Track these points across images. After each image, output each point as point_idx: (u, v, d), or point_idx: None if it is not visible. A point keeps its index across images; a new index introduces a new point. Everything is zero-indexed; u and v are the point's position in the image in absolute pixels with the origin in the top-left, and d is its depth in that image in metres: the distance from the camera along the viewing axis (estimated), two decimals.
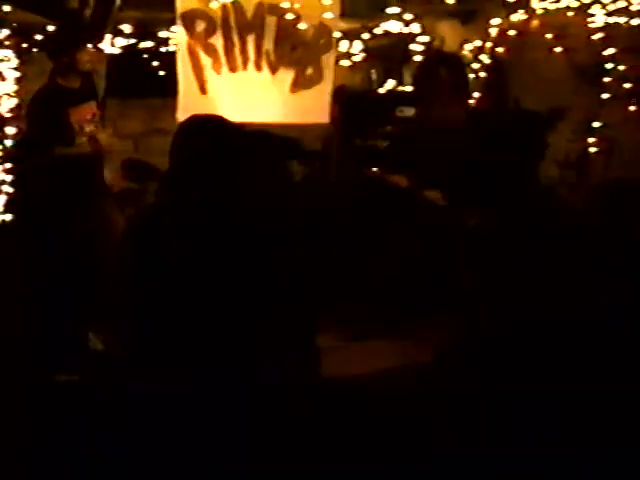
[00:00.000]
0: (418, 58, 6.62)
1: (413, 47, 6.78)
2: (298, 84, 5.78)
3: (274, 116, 5.82)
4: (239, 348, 3.07)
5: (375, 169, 5.30)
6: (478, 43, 6.63)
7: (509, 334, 3.45)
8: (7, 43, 5.85)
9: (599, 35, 5.88)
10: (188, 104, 5.65)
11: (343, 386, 3.64)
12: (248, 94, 5.75)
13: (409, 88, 7.49)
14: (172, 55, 5.91)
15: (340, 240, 5.12)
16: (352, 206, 5.31)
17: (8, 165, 5.72)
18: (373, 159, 5.54)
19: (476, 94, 6.38)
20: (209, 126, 3.31)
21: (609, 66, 5.86)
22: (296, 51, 5.74)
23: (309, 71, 5.78)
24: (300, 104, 5.76)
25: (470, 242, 4.19)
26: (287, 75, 5.76)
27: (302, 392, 3.22)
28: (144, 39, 6.53)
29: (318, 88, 5.80)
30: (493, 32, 6.51)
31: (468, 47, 6.65)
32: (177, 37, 5.70)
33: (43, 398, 4.09)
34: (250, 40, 5.65)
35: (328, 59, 5.81)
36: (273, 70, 5.74)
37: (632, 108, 5.77)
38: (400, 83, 8.15)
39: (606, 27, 5.84)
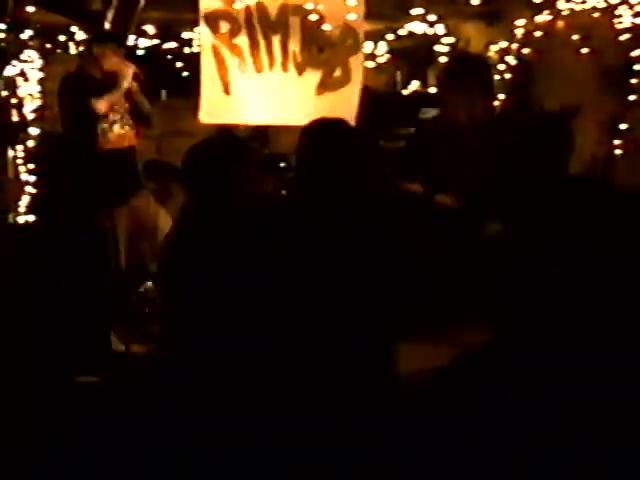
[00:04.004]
0: (443, 59, 6.58)
1: (438, 48, 6.74)
2: (325, 86, 5.70)
3: (299, 118, 5.71)
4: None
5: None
6: (504, 44, 6.58)
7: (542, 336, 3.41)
8: (31, 44, 5.88)
9: (626, 36, 5.81)
10: (211, 105, 5.61)
11: None
12: (273, 95, 5.67)
13: (433, 90, 7.46)
14: (195, 56, 5.89)
15: None
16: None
17: (31, 166, 5.74)
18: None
19: (501, 96, 6.33)
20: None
21: (636, 67, 5.80)
22: (323, 53, 5.67)
23: (337, 73, 5.68)
24: (326, 106, 5.57)
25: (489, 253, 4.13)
26: (314, 76, 5.67)
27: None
28: (167, 40, 6.53)
29: (345, 90, 5.71)
30: (519, 33, 6.46)
31: (493, 48, 6.60)
32: (202, 37, 5.64)
33: (63, 399, 4.08)
34: (275, 41, 5.58)
35: (356, 61, 5.73)
36: (300, 71, 5.66)
37: None
38: (424, 85, 8.12)
39: (633, 28, 5.77)
